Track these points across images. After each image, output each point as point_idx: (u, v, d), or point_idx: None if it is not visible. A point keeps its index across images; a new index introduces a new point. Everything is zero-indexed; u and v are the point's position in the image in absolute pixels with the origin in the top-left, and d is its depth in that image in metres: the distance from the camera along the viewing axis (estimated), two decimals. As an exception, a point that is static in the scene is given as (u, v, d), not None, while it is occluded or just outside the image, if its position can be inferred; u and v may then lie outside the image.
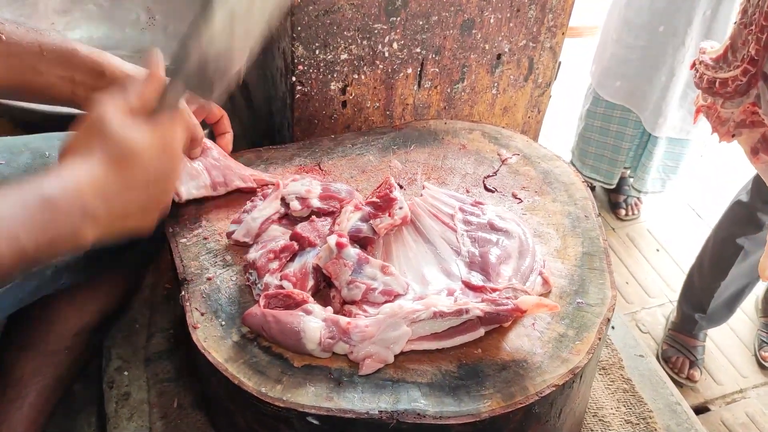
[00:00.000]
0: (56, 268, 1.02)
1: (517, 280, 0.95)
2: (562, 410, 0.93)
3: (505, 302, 0.89)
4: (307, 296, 0.91)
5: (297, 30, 1.18)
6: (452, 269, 0.98)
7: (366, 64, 1.28)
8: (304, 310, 0.89)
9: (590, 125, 2.48)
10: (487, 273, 0.95)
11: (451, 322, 0.89)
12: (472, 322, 0.90)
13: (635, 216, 2.73)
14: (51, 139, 1.06)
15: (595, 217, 1.09)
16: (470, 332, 0.90)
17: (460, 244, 1.00)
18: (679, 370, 2.18)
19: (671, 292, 2.47)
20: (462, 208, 1.05)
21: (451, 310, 0.88)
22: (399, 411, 0.82)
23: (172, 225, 1.04)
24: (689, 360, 2.19)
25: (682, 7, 2.06)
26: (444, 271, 0.98)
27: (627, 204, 2.72)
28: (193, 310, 0.93)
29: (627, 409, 1.12)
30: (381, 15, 1.22)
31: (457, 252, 1.00)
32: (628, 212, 2.72)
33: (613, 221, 2.71)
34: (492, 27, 1.32)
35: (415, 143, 1.23)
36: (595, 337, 0.91)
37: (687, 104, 2.25)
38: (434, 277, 0.97)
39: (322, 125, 1.33)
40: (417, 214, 1.05)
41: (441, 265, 0.99)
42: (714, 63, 1.30)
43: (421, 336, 0.89)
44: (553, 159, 1.21)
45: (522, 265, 0.97)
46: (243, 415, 0.91)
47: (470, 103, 1.43)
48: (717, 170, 2.93)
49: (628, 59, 2.25)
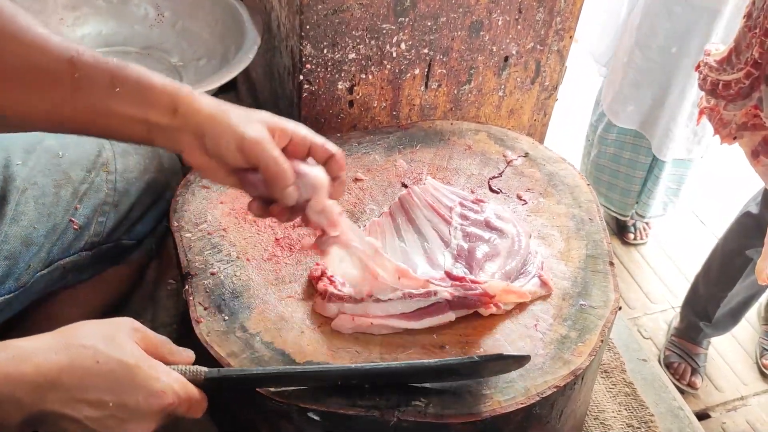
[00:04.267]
0: (64, 269, 1.03)
1: (500, 277, 0.95)
2: (563, 412, 0.93)
3: (473, 287, 0.91)
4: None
5: (305, 29, 1.19)
6: (438, 260, 0.99)
7: (374, 64, 1.28)
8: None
9: (603, 152, 2.44)
10: (471, 267, 0.96)
11: (419, 303, 0.91)
12: (441, 304, 0.91)
13: (644, 241, 2.70)
14: (65, 138, 1.07)
15: (599, 220, 1.10)
16: (438, 315, 0.92)
17: (452, 237, 1.01)
18: (680, 376, 2.18)
19: (673, 298, 2.47)
20: (462, 203, 1.06)
21: (419, 291, 0.90)
22: (400, 409, 0.82)
23: (176, 219, 1.05)
24: (691, 367, 2.19)
25: (698, 28, 2.03)
26: (430, 260, 0.99)
27: (636, 228, 2.69)
28: (197, 305, 0.94)
29: (629, 412, 1.12)
30: (389, 15, 1.22)
31: (447, 244, 1.01)
32: (637, 236, 2.69)
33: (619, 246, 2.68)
34: (500, 29, 1.32)
35: (420, 143, 1.23)
36: (598, 339, 0.91)
37: (692, 124, 2.23)
38: (419, 265, 0.98)
39: (329, 124, 1.34)
40: (411, 204, 1.06)
41: (427, 255, 1.00)
42: (718, 65, 1.31)
43: (390, 314, 0.91)
44: (558, 161, 1.21)
45: (508, 264, 0.98)
46: (244, 409, 0.91)
47: (477, 105, 1.43)
48: (720, 177, 2.93)
49: (641, 83, 2.22)
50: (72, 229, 1.01)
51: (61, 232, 1.01)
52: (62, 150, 1.04)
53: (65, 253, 1.02)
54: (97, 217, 1.04)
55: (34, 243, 0.97)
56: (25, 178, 0.99)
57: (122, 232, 1.08)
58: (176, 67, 1.54)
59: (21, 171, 0.99)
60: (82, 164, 1.05)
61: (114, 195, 1.06)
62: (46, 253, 0.99)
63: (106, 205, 1.05)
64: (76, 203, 1.02)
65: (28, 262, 0.97)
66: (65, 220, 1.01)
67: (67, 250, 1.02)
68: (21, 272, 0.96)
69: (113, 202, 1.06)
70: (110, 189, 1.05)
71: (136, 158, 1.10)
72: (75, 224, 1.01)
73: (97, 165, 1.05)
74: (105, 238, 1.06)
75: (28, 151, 1.02)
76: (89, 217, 1.03)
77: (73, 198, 1.02)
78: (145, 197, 1.10)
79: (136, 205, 1.09)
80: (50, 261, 1.00)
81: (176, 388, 0.75)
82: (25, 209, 0.97)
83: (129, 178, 1.08)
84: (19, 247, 0.96)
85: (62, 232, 1.01)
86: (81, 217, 1.02)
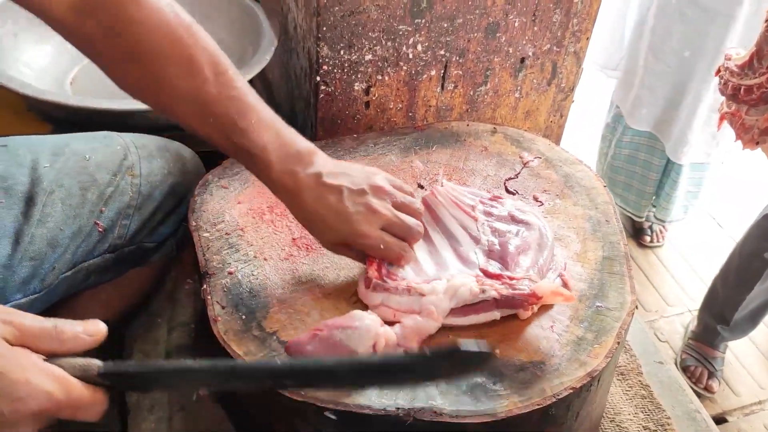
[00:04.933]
0: (87, 271, 1.04)
1: (535, 273, 0.95)
2: (579, 413, 0.93)
3: (522, 287, 0.90)
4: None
5: (322, 30, 1.20)
6: (470, 257, 0.98)
7: (390, 66, 1.28)
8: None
9: (619, 153, 2.44)
10: (506, 262, 0.96)
11: (466, 300, 0.91)
12: (488, 303, 0.91)
13: (660, 244, 2.69)
14: (92, 140, 1.08)
15: (615, 221, 1.09)
16: (485, 312, 0.91)
17: (480, 233, 1.00)
18: (697, 379, 2.17)
19: (690, 301, 2.46)
20: (482, 201, 1.06)
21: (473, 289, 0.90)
22: (415, 408, 0.82)
23: (194, 219, 1.06)
24: (708, 370, 2.18)
25: (712, 32, 2.02)
26: (461, 258, 0.99)
27: (652, 231, 2.68)
28: (214, 304, 0.94)
29: (645, 415, 1.11)
30: (406, 17, 1.23)
31: (477, 240, 1.00)
32: (653, 239, 2.68)
33: (635, 249, 2.67)
34: (516, 30, 1.32)
35: (437, 144, 1.24)
36: (614, 341, 0.91)
37: (709, 128, 2.22)
38: (452, 264, 0.98)
39: (345, 125, 1.34)
40: (435, 204, 1.05)
41: (458, 253, 1.00)
42: (739, 70, 1.30)
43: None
44: (575, 163, 1.21)
45: (540, 257, 0.98)
46: (261, 408, 0.92)
47: (493, 107, 1.43)
48: (738, 180, 2.90)
49: (655, 86, 2.22)
50: (97, 232, 1.03)
51: (86, 235, 1.02)
52: (89, 153, 1.05)
53: (89, 256, 1.03)
54: (121, 220, 1.05)
55: (59, 245, 0.98)
56: (52, 180, 1.00)
57: (144, 234, 1.09)
58: (194, 68, 1.55)
59: (49, 173, 1.00)
60: (108, 167, 1.06)
61: (138, 198, 1.07)
62: (71, 254, 1.00)
63: (130, 208, 1.06)
64: (102, 206, 1.03)
65: (53, 263, 0.98)
66: (90, 223, 1.02)
67: (91, 253, 1.03)
68: (46, 273, 0.97)
69: (137, 205, 1.07)
70: (135, 192, 1.06)
71: (160, 162, 1.12)
72: (100, 227, 1.03)
73: (123, 168, 1.07)
74: (128, 240, 1.07)
75: (55, 154, 1.03)
76: (113, 220, 1.05)
77: (99, 201, 1.03)
78: (168, 200, 1.11)
79: (159, 208, 1.10)
80: (74, 263, 1.01)
81: (51, 388, 0.65)
82: (51, 211, 0.99)
83: (153, 181, 1.09)
84: (44, 248, 0.97)
85: (87, 235, 1.02)
86: (106, 220, 1.03)
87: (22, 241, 0.95)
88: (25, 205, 0.97)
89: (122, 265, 1.10)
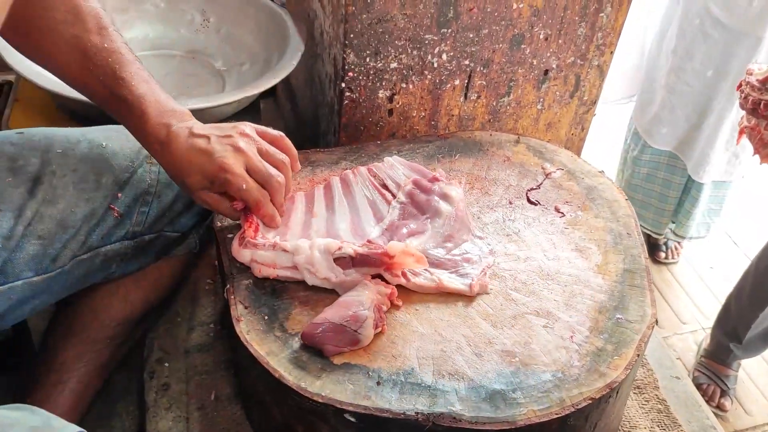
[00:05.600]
0: (106, 256, 1.05)
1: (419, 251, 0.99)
2: (597, 424, 0.93)
3: (376, 248, 0.95)
4: None
5: (350, 37, 1.21)
6: (365, 231, 1.04)
7: (414, 74, 1.30)
8: None
9: (637, 173, 2.44)
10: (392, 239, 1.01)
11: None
12: (345, 260, 0.95)
13: (675, 260, 2.68)
14: (108, 131, 1.09)
15: (637, 234, 1.10)
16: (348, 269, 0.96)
17: (388, 214, 1.06)
18: (709, 398, 2.16)
19: (704, 318, 2.45)
20: (417, 181, 1.10)
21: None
22: (435, 414, 0.83)
23: (219, 219, 1.07)
24: (720, 389, 2.17)
25: (738, 54, 2.01)
26: (354, 231, 1.04)
27: (668, 247, 2.67)
28: (237, 303, 0.95)
29: (661, 429, 1.11)
30: (432, 26, 1.24)
31: (380, 219, 1.06)
32: (668, 255, 2.67)
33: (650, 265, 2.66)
34: (541, 43, 1.33)
35: (459, 153, 1.24)
36: (634, 353, 0.91)
37: (732, 147, 2.21)
38: (344, 234, 1.03)
39: (368, 132, 1.35)
40: (351, 181, 1.11)
41: (354, 225, 1.05)
42: (760, 85, 1.31)
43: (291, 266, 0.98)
44: (596, 175, 1.21)
45: (430, 243, 1.02)
46: (280, 409, 0.93)
47: (515, 117, 1.44)
48: (755, 197, 2.89)
49: (676, 106, 2.21)
50: (112, 216, 1.04)
51: (100, 218, 1.03)
52: (105, 141, 1.07)
53: (106, 241, 1.04)
54: (140, 207, 1.06)
55: (70, 226, 1.00)
56: (64, 164, 1.02)
57: (165, 223, 1.10)
58: (219, 71, 1.57)
59: (61, 158, 1.02)
60: (126, 154, 1.07)
61: (157, 186, 1.08)
62: (84, 236, 1.02)
63: (149, 195, 1.07)
64: (117, 191, 1.05)
65: (64, 243, 0.99)
66: (105, 206, 1.03)
67: (108, 237, 1.04)
68: (57, 253, 0.99)
69: (156, 192, 1.08)
70: (153, 180, 1.07)
71: None
72: (116, 211, 1.04)
73: (141, 156, 1.08)
74: (147, 228, 1.08)
75: (70, 141, 1.05)
76: (131, 206, 1.06)
77: (114, 186, 1.05)
78: None
79: (180, 197, 1.10)
80: (90, 246, 1.03)
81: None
82: (63, 193, 1.00)
83: None
84: (54, 228, 0.99)
85: (101, 218, 1.03)
86: (122, 206, 1.05)
87: (24, 215, 0.97)
88: (32, 184, 0.99)
89: (144, 256, 1.11)
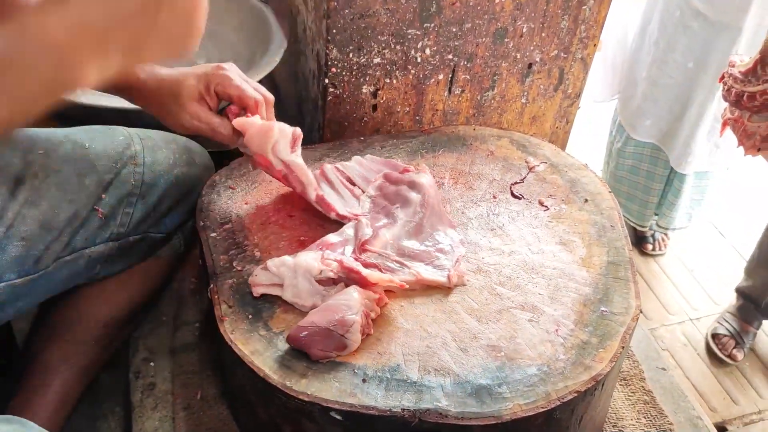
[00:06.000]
0: (90, 258, 1.04)
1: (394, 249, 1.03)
2: (583, 417, 0.93)
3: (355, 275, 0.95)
4: None
5: (332, 33, 1.20)
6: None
7: (398, 69, 1.29)
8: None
9: (622, 164, 2.45)
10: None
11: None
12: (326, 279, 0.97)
13: (662, 252, 2.69)
14: (92, 132, 1.08)
15: (620, 227, 1.10)
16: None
17: (357, 208, 1.09)
18: (723, 347, 2.25)
19: (691, 309, 2.46)
20: (388, 175, 1.12)
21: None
22: (421, 410, 0.83)
23: (202, 219, 1.06)
24: (736, 341, 2.26)
25: (718, 46, 2.02)
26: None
27: (654, 239, 2.68)
28: (221, 303, 0.95)
29: (647, 420, 1.11)
30: (415, 21, 1.23)
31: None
32: (655, 247, 2.68)
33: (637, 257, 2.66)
34: (524, 36, 1.33)
35: (443, 148, 1.24)
36: (619, 345, 0.92)
37: (713, 138, 2.23)
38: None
39: (352, 128, 1.35)
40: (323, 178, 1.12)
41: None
42: (743, 76, 1.31)
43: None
44: (580, 168, 1.21)
45: (403, 234, 1.05)
46: (266, 408, 0.92)
47: (499, 111, 1.44)
48: (740, 187, 2.91)
49: (658, 98, 2.22)
50: (97, 218, 1.03)
51: (84, 219, 1.02)
52: (89, 142, 1.06)
53: (90, 242, 1.03)
54: (124, 208, 1.06)
55: (53, 227, 0.99)
56: (46, 165, 1.01)
57: (150, 224, 1.10)
58: (202, 69, 1.56)
59: (43, 158, 1.01)
60: (110, 155, 1.06)
61: (141, 187, 1.07)
62: (67, 237, 1.00)
63: (133, 196, 1.06)
64: (101, 192, 1.04)
65: (47, 245, 0.98)
66: (88, 207, 1.02)
67: (92, 239, 1.03)
68: (40, 254, 0.97)
69: (140, 193, 1.07)
70: (137, 181, 1.07)
71: (165, 152, 1.12)
72: (100, 213, 1.03)
73: (125, 157, 1.07)
74: (132, 229, 1.07)
75: (53, 142, 1.03)
76: (115, 207, 1.05)
77: (98, 187, 1.04)
78: (173, 190, 1.11)
79: (165, 198, 1.10)
80: (74, 248, 1.02)
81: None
82: (45, 194, 0.99)
83: (157, 171, 1.09)
84: (37, 229, 0.97)
85: (85, 220, 1.02)
86: (106, 207, 1.04)
87: (5, 216, 0.95)
88: (13, 184, 0.98)
89: (128, 257, 1.10)
